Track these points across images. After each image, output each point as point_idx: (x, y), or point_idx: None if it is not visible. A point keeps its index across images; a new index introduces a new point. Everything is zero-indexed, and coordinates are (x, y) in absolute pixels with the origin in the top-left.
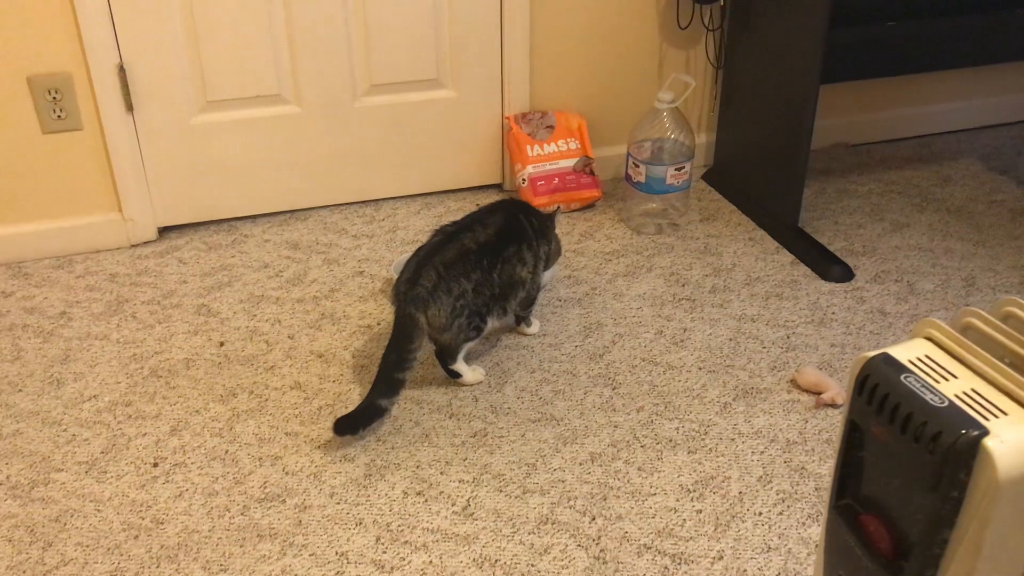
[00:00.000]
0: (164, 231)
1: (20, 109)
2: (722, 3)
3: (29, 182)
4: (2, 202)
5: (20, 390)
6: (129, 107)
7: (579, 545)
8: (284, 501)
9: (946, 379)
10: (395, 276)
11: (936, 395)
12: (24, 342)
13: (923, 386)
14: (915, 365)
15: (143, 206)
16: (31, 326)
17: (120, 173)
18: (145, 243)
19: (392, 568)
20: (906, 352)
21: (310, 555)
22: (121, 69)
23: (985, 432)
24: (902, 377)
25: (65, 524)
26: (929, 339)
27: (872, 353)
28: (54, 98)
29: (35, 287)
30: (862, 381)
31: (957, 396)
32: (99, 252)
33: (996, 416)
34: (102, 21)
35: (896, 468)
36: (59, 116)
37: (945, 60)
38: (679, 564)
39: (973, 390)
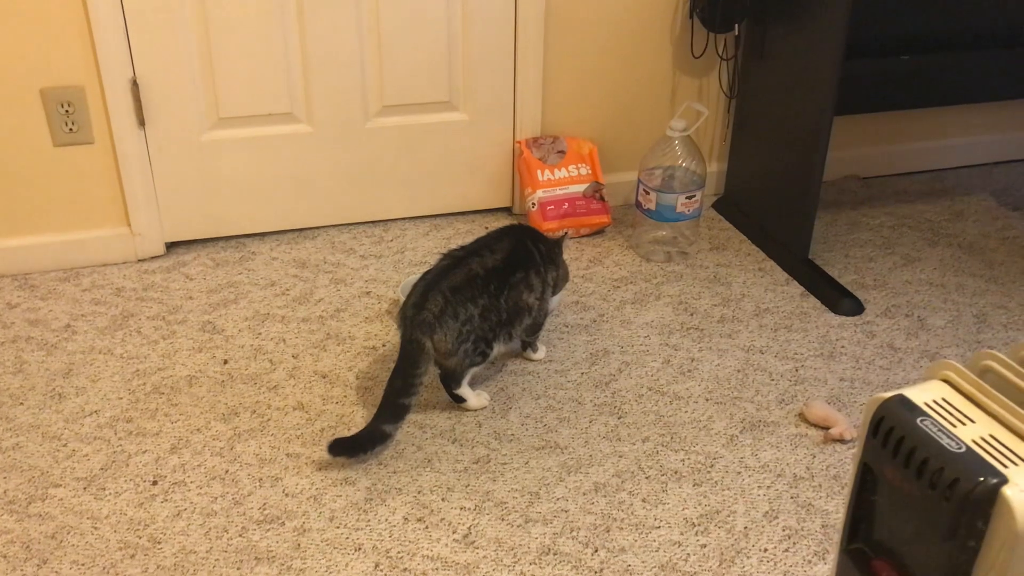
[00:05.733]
0: (172, 246)
1: (32, 121)
2: (736, 32)
3: (39, 194)
4: (11, 214)
5: (21, 403)
6: (141, 122)
7: None
8: (283, 523)
9: (963, 423)
10: (402, 297)
11: (953, 440)
12: (27, 354)
13: (940, 430)
14: (931, 408)
15: (151, 221)
16: (35, 338)
17: (130, 187)
18: (152, 258)
19: None
20: (922, 394)
21: None
22: (134, 84)
23: (1004, 480)
24: (918, 420)
25: (61, 541)
26: (946, 381)
27: (887, 394)
28: (66, 111)
29: (40, 299)
30: (877, 423)
31: (975, 441)
32: (106, 266)
33: (1015, 463)
34: (117, 36)
35: (911, 514)
36: (71, 129)
37: (959, 95)
38: None
39: (991, 436)
